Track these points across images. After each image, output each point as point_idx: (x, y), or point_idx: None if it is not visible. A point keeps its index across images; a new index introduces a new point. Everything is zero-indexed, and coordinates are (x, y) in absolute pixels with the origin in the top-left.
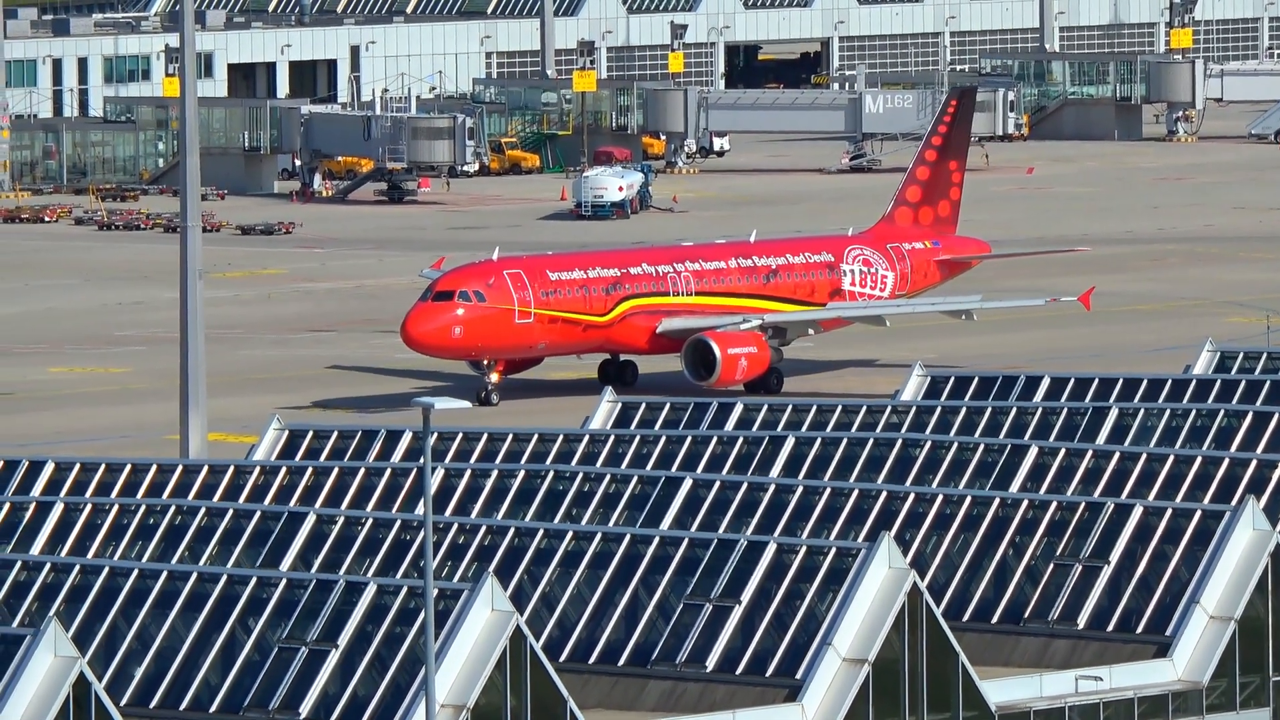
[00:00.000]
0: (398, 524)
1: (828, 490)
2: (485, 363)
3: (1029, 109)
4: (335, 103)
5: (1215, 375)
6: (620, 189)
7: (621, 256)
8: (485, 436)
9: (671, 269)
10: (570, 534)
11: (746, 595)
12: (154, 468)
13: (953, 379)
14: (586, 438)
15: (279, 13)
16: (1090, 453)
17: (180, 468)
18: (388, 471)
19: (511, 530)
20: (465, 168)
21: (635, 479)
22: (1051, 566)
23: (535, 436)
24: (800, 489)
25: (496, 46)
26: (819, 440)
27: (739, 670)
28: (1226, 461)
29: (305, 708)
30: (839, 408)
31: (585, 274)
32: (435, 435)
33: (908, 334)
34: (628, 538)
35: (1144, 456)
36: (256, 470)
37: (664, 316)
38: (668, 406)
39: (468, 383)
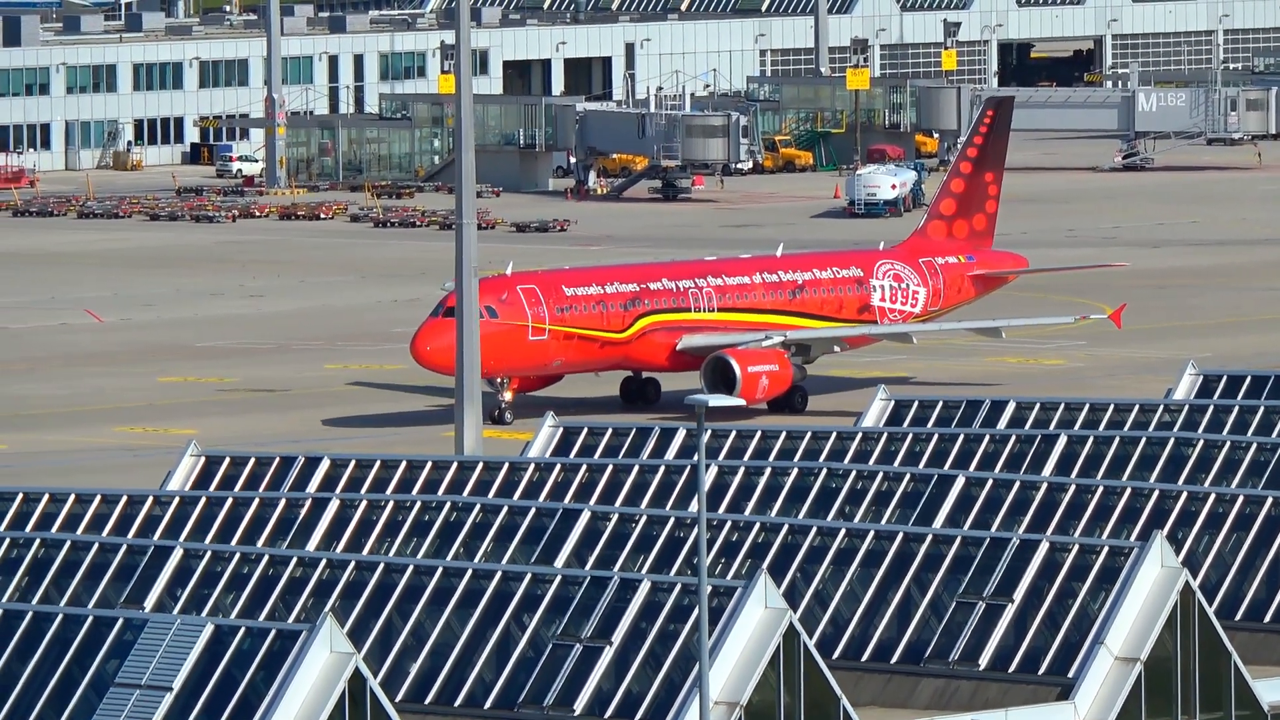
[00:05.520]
0: (671, 521)
1: (1100, 489)
2: (499, 380)
3: None
4: (610, 100)
5: None
6: (893, 187)
7: (641, 271)
8: (759, 434)
9: (693, 284)
10: (843, 532)
11: (1019, 594)
12: (429, 464)
13: (1225, 378)
14: (860, 435)
15: (554, 10)
16: None
17: (455, 464)
18: (661, 469)
19: (785, 528)
20: (739, 165)
21: (908, 477)
22: None
23: (808, 434)
24: (1073, 488)
25: (770, 44)
26: (1092, 439)
27: (1011, 669)
28: None
29: (579, 704)
30: (1111, 406)
31: (603, 289)
32: (709, 433)
33: (1181, 333)
34: (900, 536)
35: None
36: (531, 467)
37: (684, 333)
38: (940, 404)
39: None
